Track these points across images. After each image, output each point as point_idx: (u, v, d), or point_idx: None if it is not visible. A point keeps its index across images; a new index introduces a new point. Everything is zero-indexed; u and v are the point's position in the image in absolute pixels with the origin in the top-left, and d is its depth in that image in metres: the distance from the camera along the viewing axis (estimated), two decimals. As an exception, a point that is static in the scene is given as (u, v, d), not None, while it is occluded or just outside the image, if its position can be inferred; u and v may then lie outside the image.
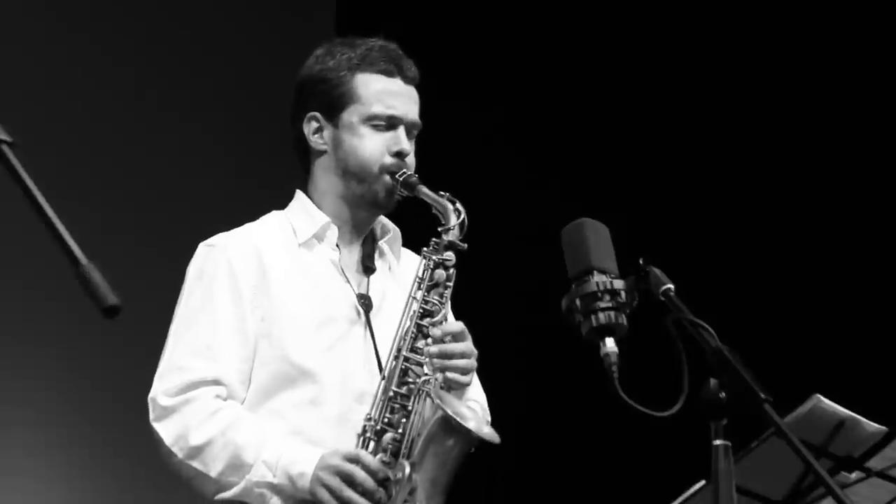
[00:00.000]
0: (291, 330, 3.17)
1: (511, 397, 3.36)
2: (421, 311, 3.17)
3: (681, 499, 3.00)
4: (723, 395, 2.34)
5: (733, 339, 2.41)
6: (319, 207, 3.28)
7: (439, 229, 3.21)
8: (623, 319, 2.46)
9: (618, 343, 2.45)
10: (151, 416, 3.12)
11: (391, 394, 3.12)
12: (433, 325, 3.15)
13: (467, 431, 3.03)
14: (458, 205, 3.20)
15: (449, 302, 3.22)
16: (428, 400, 3.10)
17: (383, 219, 3.35)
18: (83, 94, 5.37)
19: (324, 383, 3.15)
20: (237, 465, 3.07)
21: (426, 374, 3.12)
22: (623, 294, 2.47)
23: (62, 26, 5.41)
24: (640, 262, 2.50)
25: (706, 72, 5.72)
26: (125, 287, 1.86)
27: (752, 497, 3.06)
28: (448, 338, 3.13)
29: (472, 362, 3.15)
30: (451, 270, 3.19)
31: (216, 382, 3.12)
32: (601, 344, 2.45)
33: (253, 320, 3.16)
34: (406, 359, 3.14)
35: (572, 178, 5.79)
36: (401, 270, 3.32)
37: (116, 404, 5.19)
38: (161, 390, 3.12)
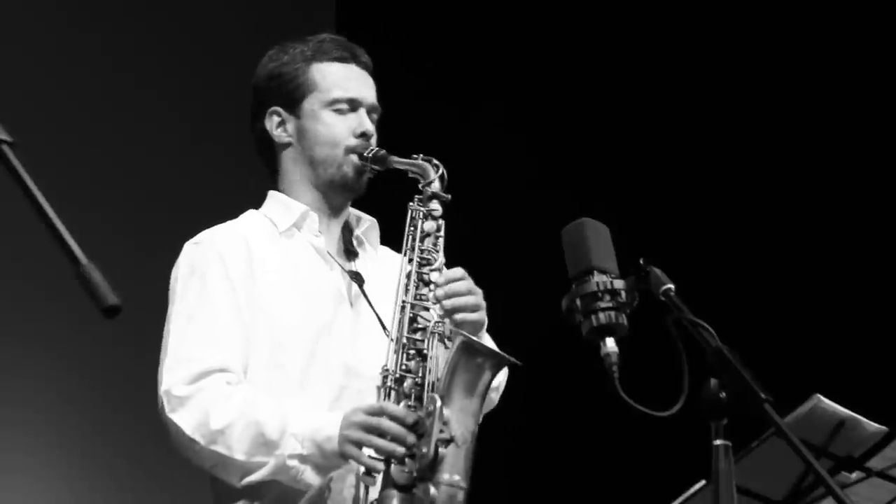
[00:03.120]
0: (281, 316, 3.16)
1: (511, 397, 3.35)
2: (418, 260, 3.15)
3: (681, 499, 3.00)
4: (723, 395, 2.34)
5: (733, 339, 2.41)
6: (295, 199, 3.29)
7: (420, 185, 3.20)
8: (623, 319, 2.47)
9: (618, 343, 2.45)
10: (167, 408, 3.06)
11: (404, 342, 3.07)
12: (433, 271, 3.14)
13: (489, 351, 2.99)
14: (435, 161, 3.21)
15: (443, 251, 3.19)
16: (441, 344, 3.07)
17: (356, 210, 3.36)
18: (83, 93, 5.36)
19: (317, 366, 3.14)
20: (263, 443, 3.00)
21: (435, 318, 3.10)
22: (623, 294, 2.47)
23: (62, 26, 5.40)
24: (641, 262, 2.51)
25: (707, 72, 5.72)
26: (125, 287, 1.86)
27: (752, 497, 3.06)
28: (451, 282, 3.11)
29: (480, 299, 3.12)
30: (440, 221, 3.18)
31: (224, 370, 3.09)
32: (601, 344, 2.46)
33: (247, 309, 3.16)
34: (412, 306, 3.11)
35: (573, 177, 5.79)
36: (381, 261, 3.32)
37: (116, 404, 5.19)
38: (173, 381, 3.07)
